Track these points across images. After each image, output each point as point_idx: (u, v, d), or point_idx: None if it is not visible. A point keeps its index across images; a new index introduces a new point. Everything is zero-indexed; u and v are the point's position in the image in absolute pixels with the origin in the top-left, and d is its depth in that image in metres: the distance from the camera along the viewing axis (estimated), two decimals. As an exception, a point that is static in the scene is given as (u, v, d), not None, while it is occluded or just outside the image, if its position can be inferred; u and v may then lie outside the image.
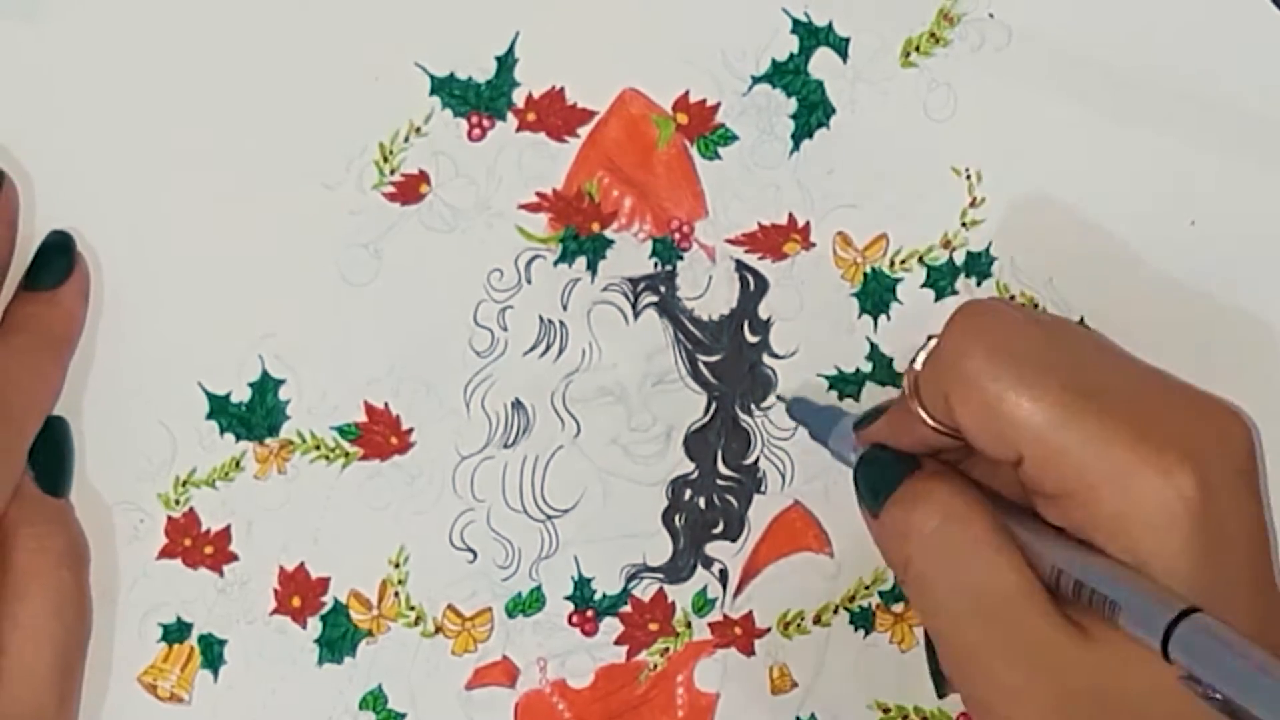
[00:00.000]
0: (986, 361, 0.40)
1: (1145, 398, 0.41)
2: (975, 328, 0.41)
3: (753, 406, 0.49)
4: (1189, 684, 0.36)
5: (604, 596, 0.49)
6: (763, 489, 0.49)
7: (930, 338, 0.42)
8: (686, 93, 0.48)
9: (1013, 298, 0.49)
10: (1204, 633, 0.36)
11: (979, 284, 0.49)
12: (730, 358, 0.49)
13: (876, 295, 0.49)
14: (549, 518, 0.48)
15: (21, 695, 0.42)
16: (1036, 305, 0.49)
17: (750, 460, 0.49)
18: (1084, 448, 0.39)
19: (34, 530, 0.43)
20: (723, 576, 0.49)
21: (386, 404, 0.47)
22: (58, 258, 0.45)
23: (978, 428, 0.40)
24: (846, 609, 0.50)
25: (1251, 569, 0.40)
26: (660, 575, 0.49)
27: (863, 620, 0.50)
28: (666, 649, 0.49)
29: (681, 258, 0.48)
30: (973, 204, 0.49)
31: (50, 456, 0.44)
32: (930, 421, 0.42)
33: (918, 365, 0.42)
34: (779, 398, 0.49)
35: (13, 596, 0.42)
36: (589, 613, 0.49)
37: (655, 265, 0.48)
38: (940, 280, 0.49)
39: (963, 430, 0.41)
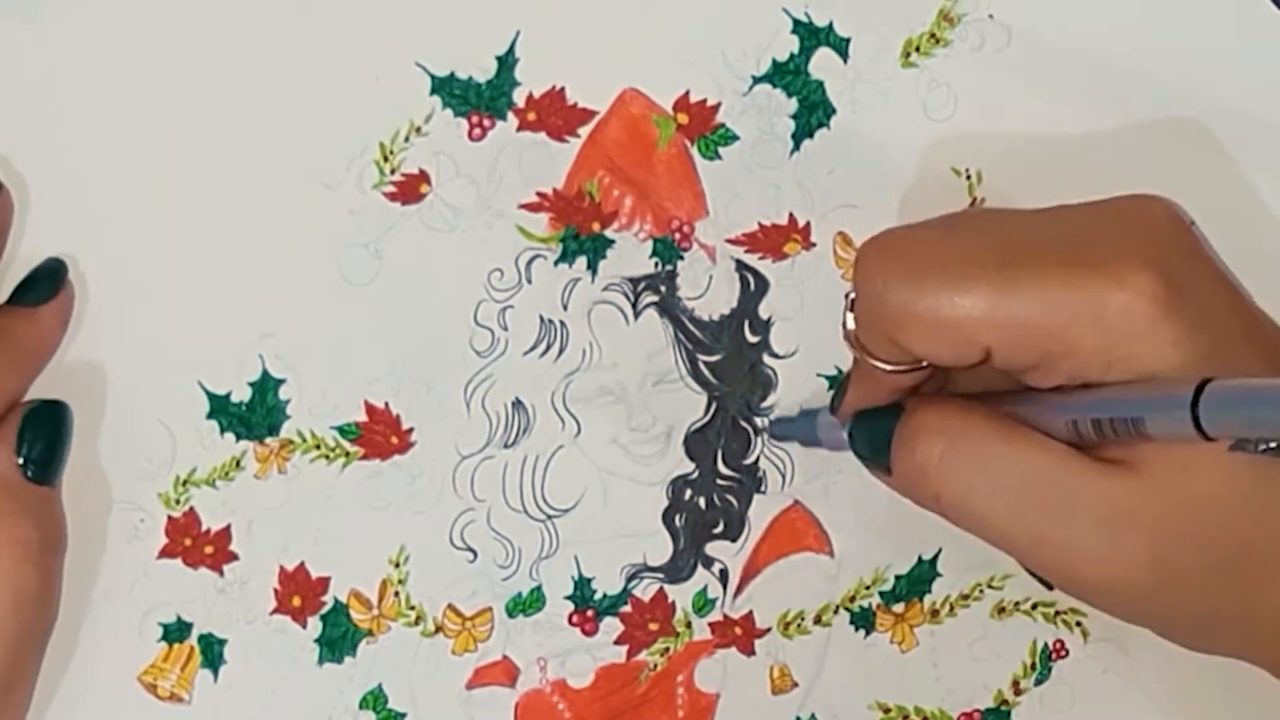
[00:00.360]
0: (906, 286, 0.40)
1: (1065, 230, 0.41)
2: (879, 261, 0.41)
3: (753, 406, 0.49)
4: (1240, 449, 0.36)
5: (604, 596, 0.49)
6: (763, 489, 0.49)
7: (848, 295, 0.43)
8: (687, 93, 0.48)
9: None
10: (1227, 394, 0.36)
11: (979, 284, 0.49)
12: (731, 358, 0.49)
13: (877, 295, 0.49)
14: (549, 517, 0.48)
15: None
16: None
17: (750, 460, 0.49)
18: (1034, 307, 0.39)
19: (7, 521, 0.42)
20: (723, 576, 0.49)
21: (387, 404, 0.47)
22: (45, 281, 0.44)
23: (933, 347, 0.40)
24: (847, 609, 0.50)
25: (1242, 331, 0.40)
26: (660, 575, 0.49)
27: (863, 620, 0.50)
28: (667, 649, 0.49)
29: (682, 257, 0.48)
30: (973, 204, 0.49)
31: (41, 443, 0.43)
32: (888, 368, 0.42)
33: (850, 325, 0.43)
34: (764, 429, 0.49)
35: None
36: (589, 612, 0.49)
37: (656, 265, 0.48)
38: (940, 280, 0.49)
39: (921, 356, 0.41)
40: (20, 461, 0.43)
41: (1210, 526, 0.39)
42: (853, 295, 0.43)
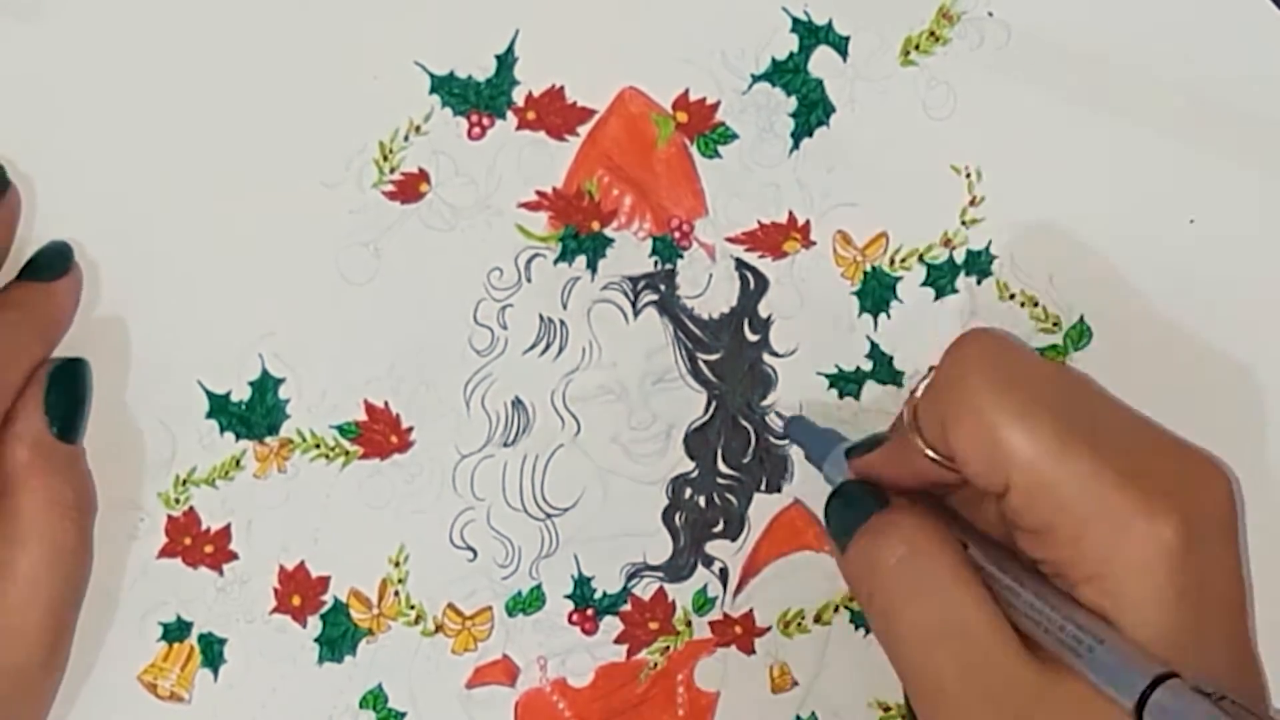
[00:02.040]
0: (986, 386, 0.40)
1: (1136, 443, 0.41)
2: (977, 353, 0.41)
3: (753, 405, 0.49)
4: None
5: (604, 595, 0.49)
6: (762, 487, 0.49)
7: (931, 369, 0.42)
8: (686, 91, 0.48)
9: (1013, 296, 0.49)
10: (1180, 700, 0.36)
11: (979, 282, 0.49)
12: (730, 356, 0.49)
13: (876, 294, 0.49)
14: (549, 516, 0.48)
15: (10, 646, 0.42)
16: (1037, 304, 0.49)
17: (750, 459, 0.49)
18: (1073, 483, 0.39)
19: (45, 480, 0.43)
20: (723, 575, 0.49)
21: (386, 403, 0.47)
22: (57, 258, 0.45)
23: (972, 452, 0.40)
24: (847, 607, 0.50)
25: (1228, 622, 0.40)
26: (660, 574, 0.49)
27: (863, 619, 0.50)
28: (667, 648, 0.49)
29: (681, 256, 0.48)
30: (972, 202, 0.49)
31: (66, 401, 0.44)
32: (927, 451, 0.42)
33: (918, 394, 0.42)
34: (778, 414, 0.49)
35: (14, 542, 0.42)
36: (589, 611, 0.49)
37: (655, 264, 0.48)
38: (940, 279, 0.49)
39: (956, 456, 0.41)
40: (47, 421, 0.43)
41: None
42: (934, 371, 0.42)
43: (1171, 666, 0.37)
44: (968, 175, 0.49)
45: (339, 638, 0.48)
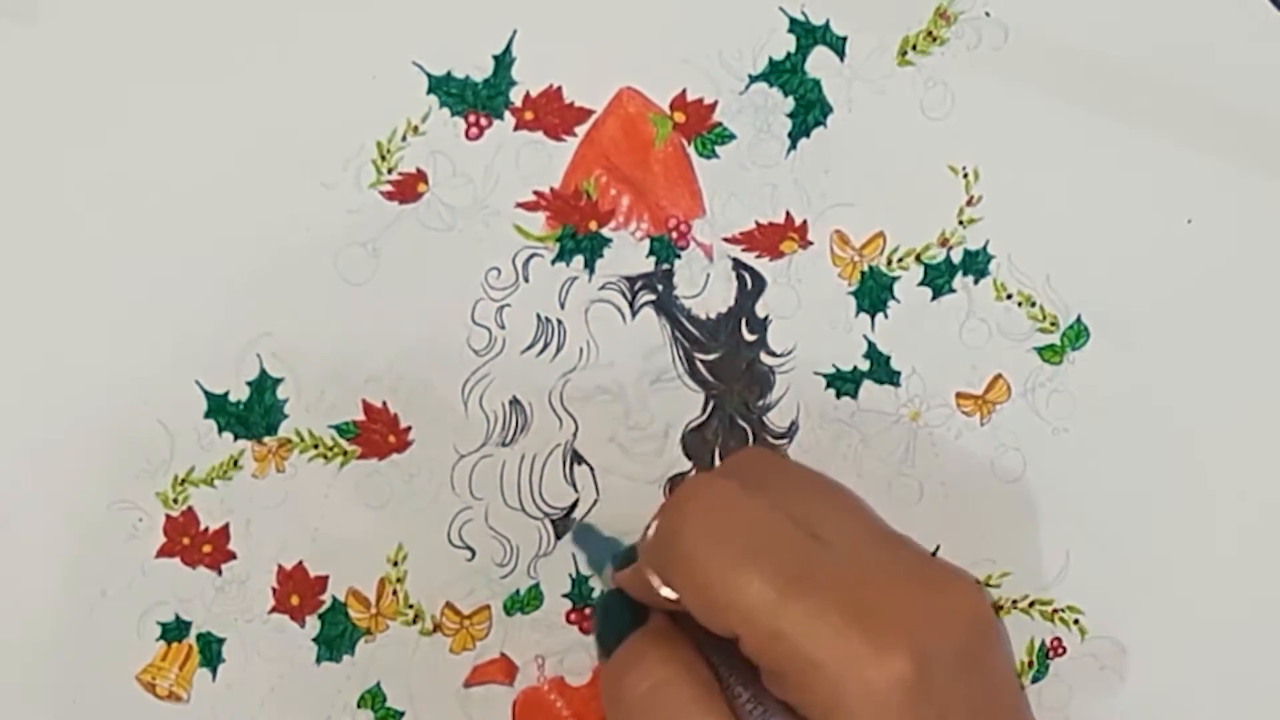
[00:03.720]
0: (700, 541, 0.40)
1: (867, 577, 0.40)
2: (693, 508, 0.41)
3: (750, 405, 0.49)
4: None
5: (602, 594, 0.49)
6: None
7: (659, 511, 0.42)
8: (684, 91, 0.48)
9: (1010, 295, 0.49)
10: None
11: (976, 282, 0.49)
12: (728, 356, 0.49)
13: (874, 294, 0.49)
14: (547, 515, 0.48)
15: None
16: (1034, 304, 0.49)
17: (748, 458, 0.49)
18: (795, 631, 0.38)
19: None
20: (720, 574, 0.49)
21: (384, 402, 0.47)
22: None
23: (694, 606, 0.40)
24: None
25: None
26: (658, 573, 0.49)
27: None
28: (664, 647, 0.49)
29: (679, 256, 0.48)
30: (970, 202, 0.49)
31: None
32: (660, 591, 0.42)
33: (650, 534, 0.42)
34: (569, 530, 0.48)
35: None
36: (587, 610, 0.49)
37: (653, 264, 0.48)
38: (938, 278, 0.49)
39: (683, 604, 0.41)
40: None
41: None
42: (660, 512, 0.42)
43: None
44: (965, 175, 0.49)
45: (337, 637, 0.48)
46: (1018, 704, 0.41)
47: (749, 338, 0.49)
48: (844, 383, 0.49)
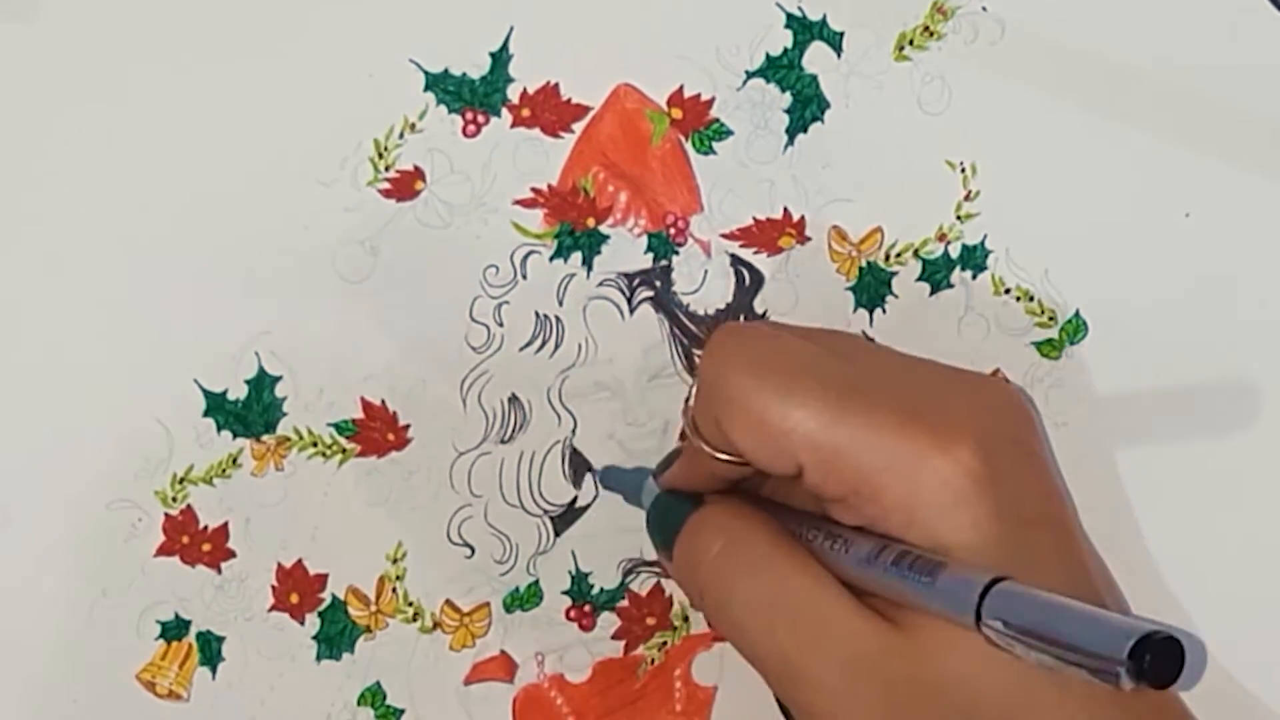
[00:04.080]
0: (746, 377, 0.39)
1: (914, 385, 0.40)
2: (731, 348, 0.41)
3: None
4: (1004, 642, 0.35)
5: (601, 591, 0.49)
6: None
7: (696, 374, 0.42)
8: (681, 88, 0.48)
9: (1008, 290, 0.49)
10: (1012, 600, 0.35)
11: (974, 277, 0.49)
12: (726, 352, 0.49)
13: (872, 289, 0.49)
14: (546, 513, 0.48)
15: None
16: (1032, 298, 0.49)
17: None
18: (856, 442, 0.38)
19: None
20: (720, 571, 0.49)
21: (383, 400, 0.47)
22: None
23: (753, 445, 0.40)
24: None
25: (1052, 534, 0.39)
26: (657, 570, 0.49)
27: (860, 614, 0.50)
28: (664, 643, 0.49)
29: (677, 252, 0.48)
30: (967, 197, 0.49)
31: None
32: (714, 454, 0.41)
33: (691, 402, 0.42)
34: (591, 473, 0.48)
35: None
36: (586, 607, 0.49)
37: (651, 260, 0.48)
38: (936, 273, 0.49)
39: (741, 451, 0.40)
40: None
41: (955, 706, 0.38)
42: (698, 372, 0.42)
43: (1003, 574, 0.36)
44: (962, 170, 0.49)
45: (337, 635, 0.48)
46: (1068, 493, 0.41)
47: (747, 334, 0.49)
48: (843, 378, 0.49)
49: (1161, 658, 0.32)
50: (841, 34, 0.48)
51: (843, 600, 0.39)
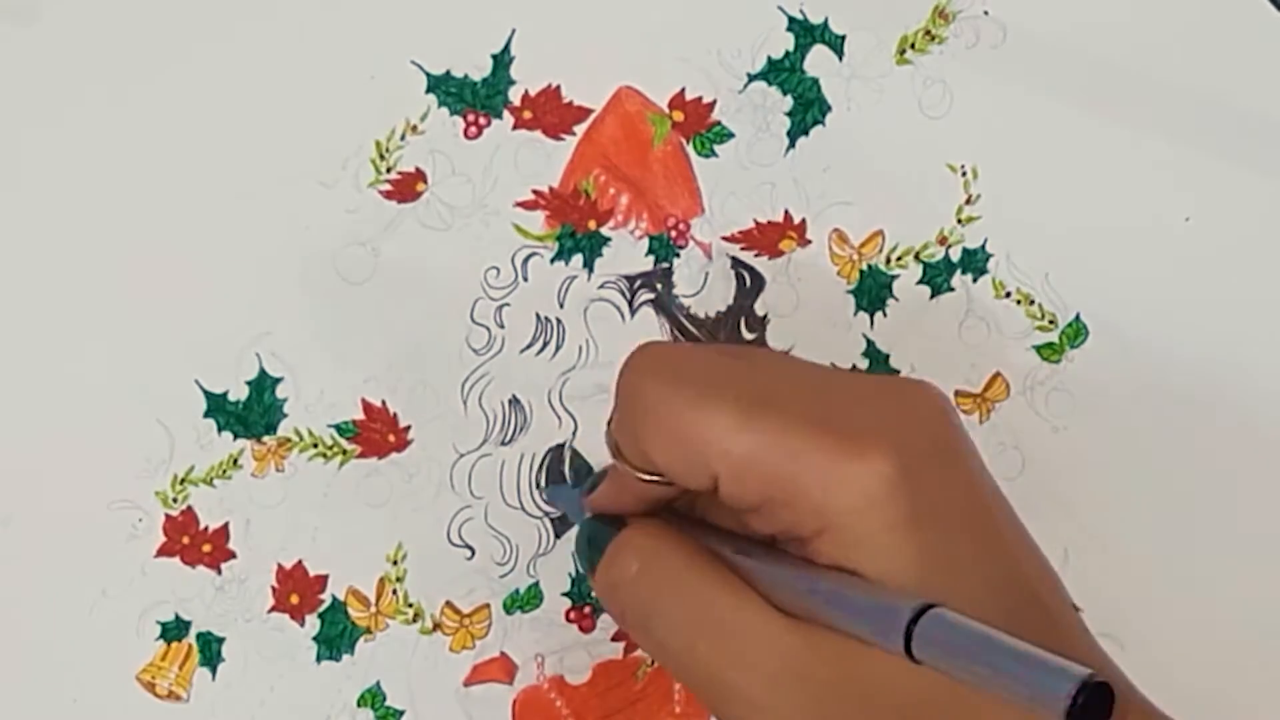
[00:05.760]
0: (661, 386, 0.39)
1: (829, 393, 0.40)
2: (645, 361, 0.41)
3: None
4: (934, 665, 0.35)
5: (601, 593, 0.49)
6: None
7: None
8: (682, 90, 0.48)
9: (1009, 294, 0.49)
10: (942, 625, 0.34)
11: (975, 280, 0.49)
12: (727, 355, 0.49)
13: (873, 292, 0.49)
14: (546, 514, 0.48)
15: None
16: (1033, 302, 0.49)
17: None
18: (769, 450, 0.38)
19: None
20: (720, 573, 0.49)
21: (384, 402, 0.47)
22: None
23: (668, 456, 0.39)
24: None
25: (978, 539, 0.38)
26: (657, 572, 0.49)
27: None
28: (664, 645, 0.49)
29: (678, 255, 0.48)
30: (968, 201, 0.49)
31: None
32: (636, 473, 0.41)
33: (611, 422, 0.42)
34: (536, 486, 0.48)
35: None
36: (586, 609, 0.49)
37: (652, 263, 0.48)
38: (936, 277, 0.49)
39: (658, 466, 0.40)
40: None
41: (885, 709, 0.37)
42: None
43: (923, 597, 0.35)
44: (964, 173, 0.49)
45: (337, 636, 0.48)
46: (995, 490, 0.40)
47: (748, 336, 0.49)
48: (843, 381, 0.49)
49: (1094, 701, 0.32)
50: (843, 37, 0.48)
51: (763, 612, 0.38)
